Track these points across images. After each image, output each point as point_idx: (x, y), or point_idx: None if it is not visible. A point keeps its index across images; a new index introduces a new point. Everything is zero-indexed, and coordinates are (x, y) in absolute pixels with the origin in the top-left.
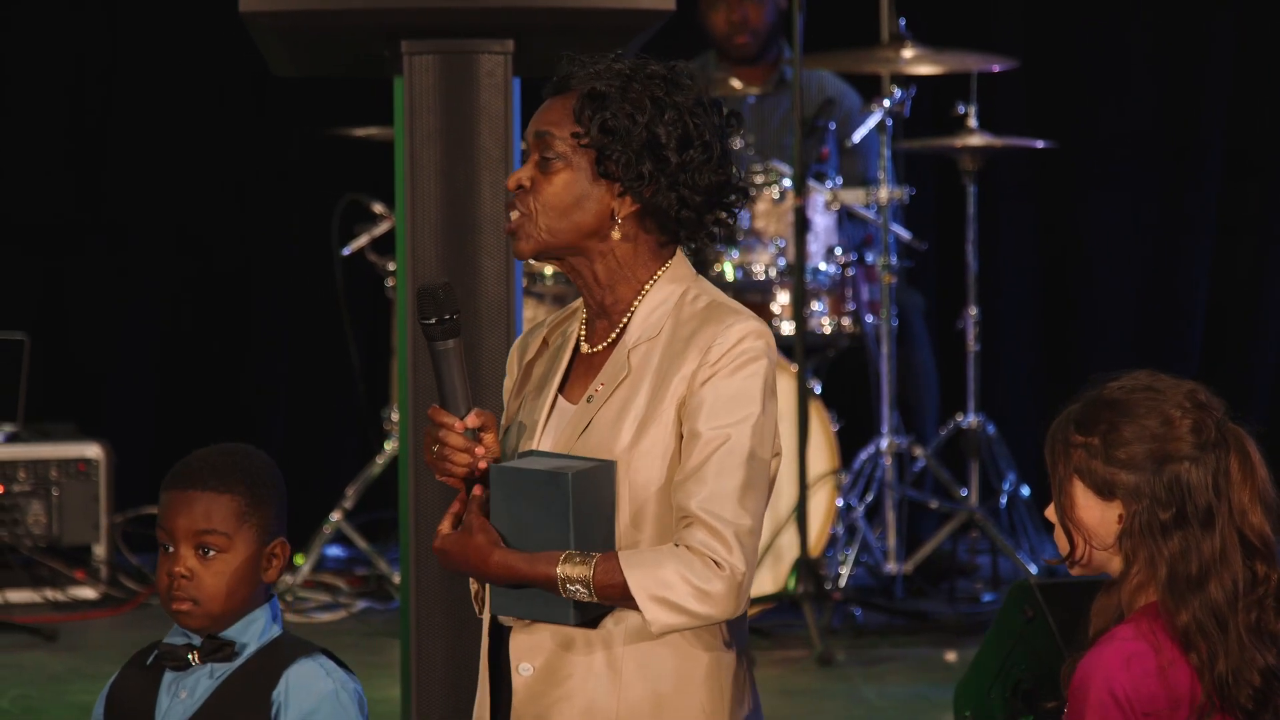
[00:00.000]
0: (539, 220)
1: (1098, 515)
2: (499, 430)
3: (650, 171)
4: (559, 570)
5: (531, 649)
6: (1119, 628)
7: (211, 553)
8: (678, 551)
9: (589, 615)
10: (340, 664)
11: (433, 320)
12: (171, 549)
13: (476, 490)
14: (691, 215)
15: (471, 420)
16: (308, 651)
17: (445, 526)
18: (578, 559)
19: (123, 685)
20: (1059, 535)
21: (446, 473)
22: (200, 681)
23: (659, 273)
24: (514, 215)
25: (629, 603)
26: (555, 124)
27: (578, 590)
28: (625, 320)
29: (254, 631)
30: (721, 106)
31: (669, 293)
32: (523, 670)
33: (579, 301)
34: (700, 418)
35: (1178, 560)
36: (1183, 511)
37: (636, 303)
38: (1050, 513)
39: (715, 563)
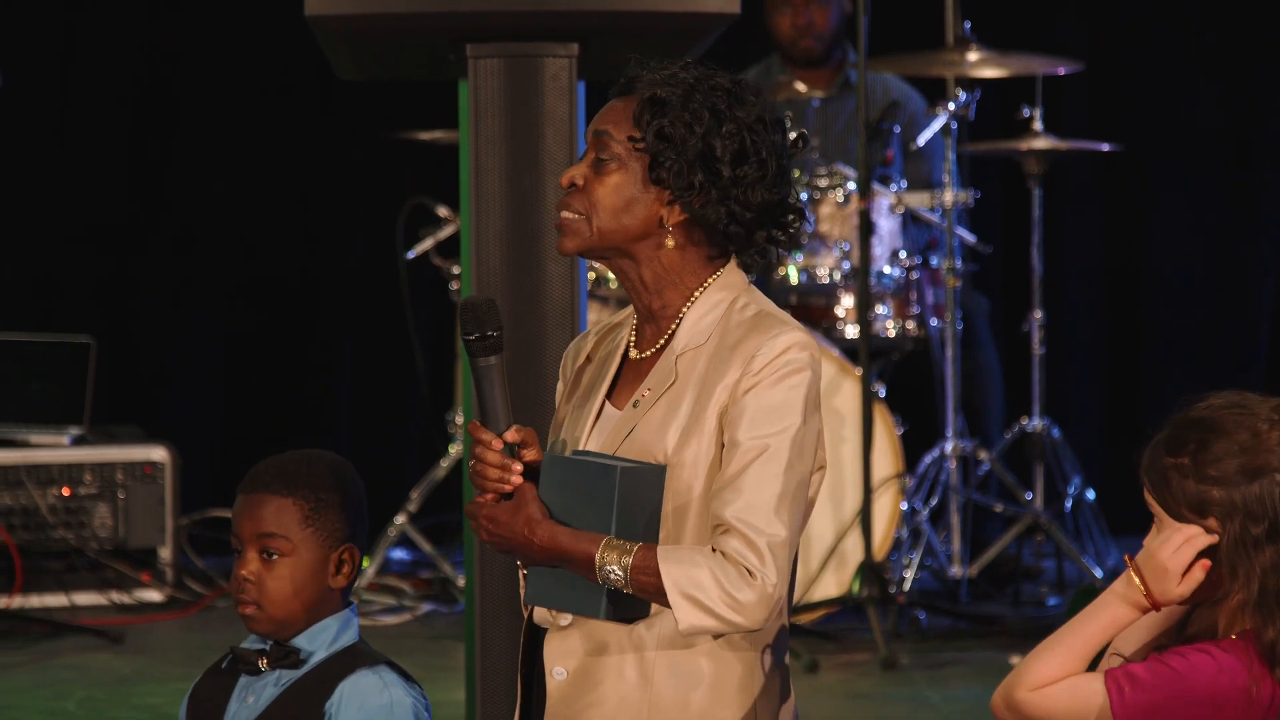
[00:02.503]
0: (590, 221)
1: None
2: (549, 434)
3: (701, 183)
4: (599, 551)
5: (565, 653)
6: (1217, 642)
7: (274, 556)
8: (714, 555)
9: (621, 611)
10: (406, 676)
11: (474, 336)
12: (240, 552)
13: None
14: (740, 231)
15: (511, 435)
16: (370, 663)
17: (490, 498)
18: (618, 544)
19: (203, 687)
20: None
21: (483, 490)
22: (267, 688)
23: (709, 280)
24: (564, 213)
25: (660, 597)
26: (614, 125)
27: (613, 573)
28: (674, 327)
29: (322, 640)
30: (786, 126)
31: (718, 300)
32: (556, 674)
33: (630, 309)
34: (740, 427)
35: (1269, 574)
36: (1275, 524)
37: (685, 309)
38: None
39: (748, 571)
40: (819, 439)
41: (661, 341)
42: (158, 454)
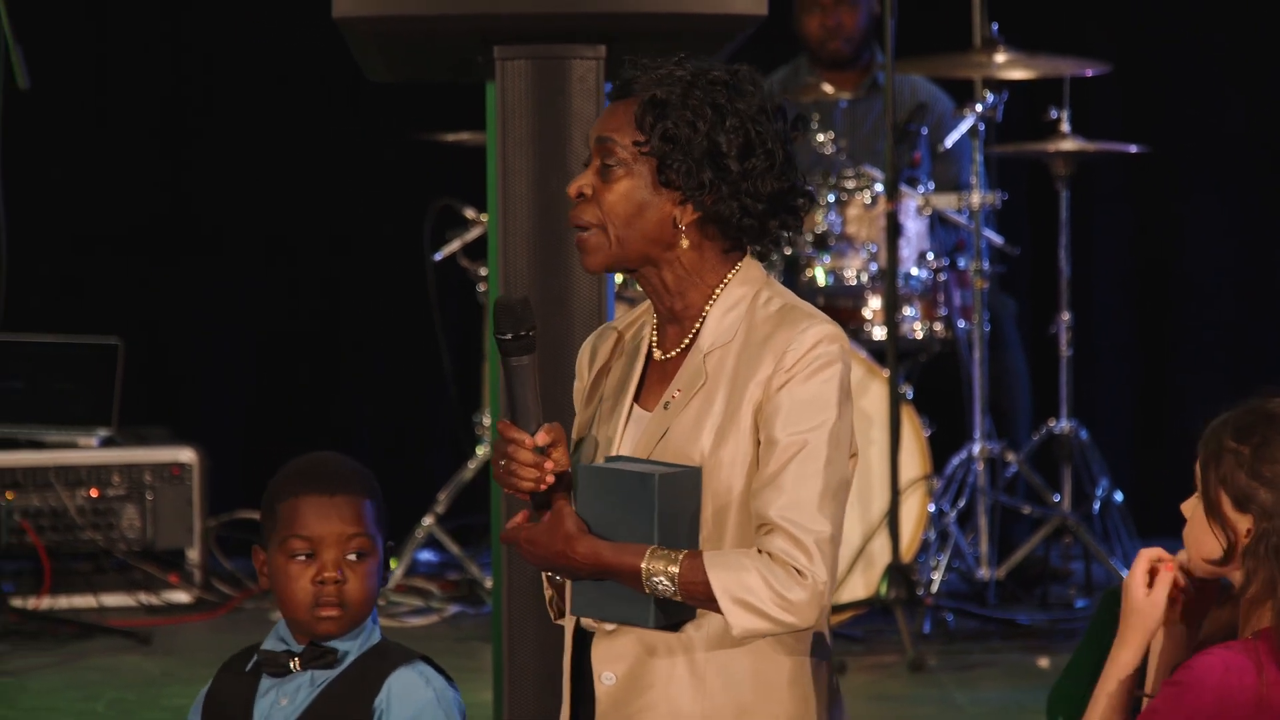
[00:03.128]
0: (607, 232)
1: (1230, 523)
2: (571, 436)
3: (711, 180)
4: (644, 563)
5: (614, 657)
6: (1227, 644)
7: (359, 556)
8: (761, 557)
9: (670, 618)
10: (440, 671)
11: (509, 335)
12: (312, 555)
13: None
14: (754, 223)
15: (541, 437)
16: (408, 659)
17: (519, 520)
18: (663, 554)
19: (219, 691)
20: (1196, 533)
21: (514, 488)
22: (301, 688)
23: (729, 276)
24: (582, 232)
25: (711, 604)
26: (616, 130)
27: (661, 583)
28: (698, 325)
29: (357, 639)
30: (786, 112)
31: (740, 295)
32: (605, 679)
33: (647, 304)
34: (777, 424)
35: None
36: None
37: (708, 307)
38: (1186, 507)
39: (797, 571)
40: (851, 428)
41: (686, 341)
42: (185, 455)
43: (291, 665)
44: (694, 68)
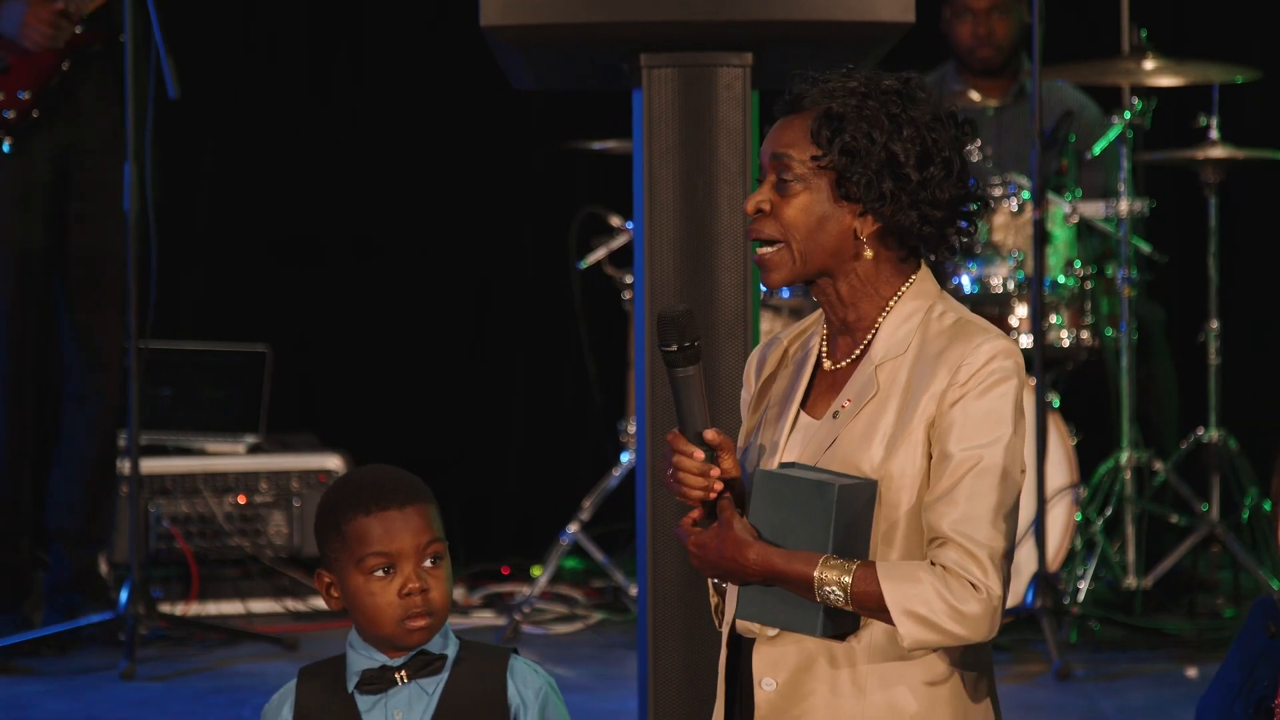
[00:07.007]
0: (791, 248)
1: None
2: (737, 444)
3: (891, 190)
4: (816, 572)
5: (775, 664)
6: None
7: (435, 561)
8: (934, 569)
9: (837, 627)
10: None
11: (674, 347)
12: (391, 569)
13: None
14: (933, 231)
15: (710, 436)
16: (501, 651)
17: (688, 523)
18: (836, 563)
19: (312, 710)
20: None
21: (684, 496)
22: (414, 699)
23: (903, 288)
24: (762, 249)
25: (882, 615)
26: (792, 145)
27: (832, 593)
28: (869, 336)
29: (445, 640)
30: (958, 117)
31: (914, 308)
32: (766, 685)
33: (817, 314)
34: (951, 439)
35: None
36: None
37: (881, 319)
38: None
39: (972, 584)
40: (1024, 445)
41: (857, 352)
42: (332, 462)
43: (399, 678)
44: (865, 78)
